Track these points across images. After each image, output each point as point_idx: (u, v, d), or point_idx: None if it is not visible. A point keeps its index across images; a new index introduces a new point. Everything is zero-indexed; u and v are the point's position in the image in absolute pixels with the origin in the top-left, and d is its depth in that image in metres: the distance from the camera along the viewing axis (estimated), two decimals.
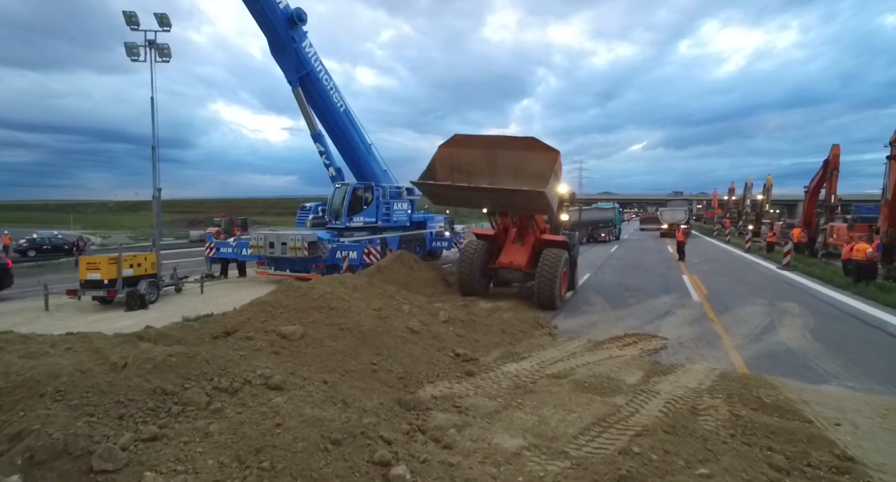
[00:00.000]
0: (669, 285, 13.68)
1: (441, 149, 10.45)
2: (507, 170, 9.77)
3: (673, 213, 37.08)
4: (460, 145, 10.55)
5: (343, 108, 17.05)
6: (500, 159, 9.86)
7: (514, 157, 9.72)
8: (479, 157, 10.08)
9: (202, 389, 3.29)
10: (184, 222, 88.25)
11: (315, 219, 17.41)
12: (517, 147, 10.13)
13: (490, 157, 9.96)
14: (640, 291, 12.68)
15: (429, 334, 6.50)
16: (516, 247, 11.30)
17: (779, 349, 7.31)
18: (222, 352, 3.98)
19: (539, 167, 9.51)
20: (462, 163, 10.14)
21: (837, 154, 22.24)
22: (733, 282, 14.13)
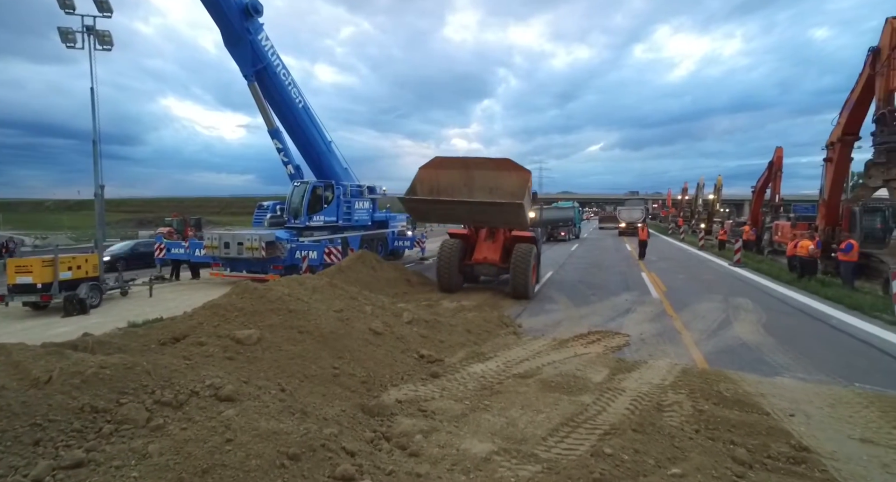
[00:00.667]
0: (630, 283, 13.97)
1: (421, 171, 11.10)
2: (484, 189, 10.55)
3: (630, 211, 38.20)
4: (439, 167, 11.29)
5: (302, 103, 16.53)
6: (477, 179, 10.65)
7: (490, 176, 10.56)
8: (457, 177, 10.87)
9: (141, 404, 2.97)
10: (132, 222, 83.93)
11: (273, 218, 16.82)
12: (492, 167, 10.96)
13: (467, 177, 10.76)
14: (602, 289, 12.89)
15: (392, 336, 6.30)
16: (488, 245, 11.97)
17: (735, 344, 7.52)
18: (167, 361, 3.64)
19: (512, 186, 10.31)
20: (441, 183, 10.88)
21: (781, 156, 23.47)
22: (689, 280, 14.59)
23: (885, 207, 17.47)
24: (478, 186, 10.55)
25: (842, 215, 17.82)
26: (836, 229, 17.84)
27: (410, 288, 11.57)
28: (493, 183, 10.41)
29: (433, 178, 11.11)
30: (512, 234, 12.00)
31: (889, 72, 14.02)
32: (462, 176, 10.86)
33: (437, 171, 11.22)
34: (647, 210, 40.69)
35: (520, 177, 10.42)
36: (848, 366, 6.43)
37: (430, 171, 11.25)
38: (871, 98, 15.40)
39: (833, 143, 17.82)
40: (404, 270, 12.62)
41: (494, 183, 10.40)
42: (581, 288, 13.21)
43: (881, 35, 14.35)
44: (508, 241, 11.92)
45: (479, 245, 12.03)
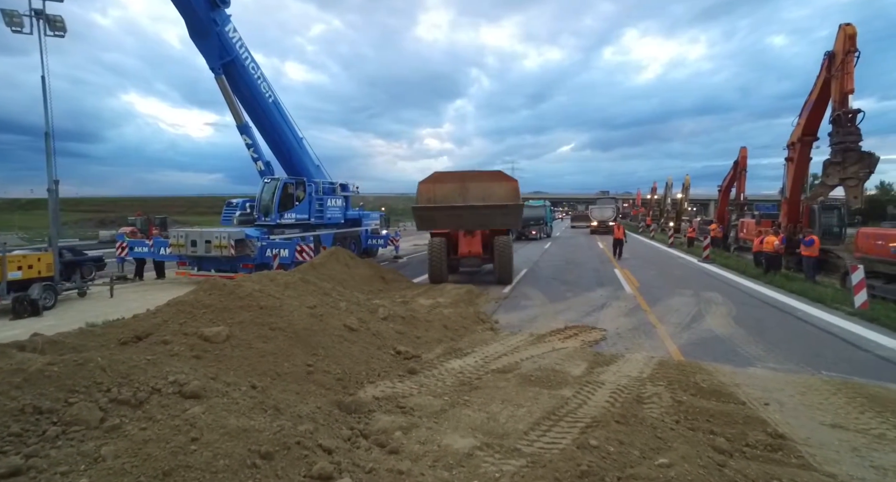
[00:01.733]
0: (603, 279, 14.12)
1: (421, 185, 12.62)
2: (478, 197, 12.08)
3: (602, 210, 38.83)
4: (437, 181, 12.83)
5: (272, 98, 16.10)
6: (471, 190, 12.18)
7: (483, 187, 12.13)
8: (453, 188, 12.43)
9: (94, 403, 2.71)
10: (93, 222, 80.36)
11: (242, 216, 16.31)
12: (485, 179, 12.59)
13: (462, 188, 12.31)
14: (577, 285, 12.97)
15: (368, 332, 6.12)
16: (469, 240, 13.27)
17: (708, 336, 7.64)
18: (125, 357, 3.36)
19: (503, 194, 12.00)
20: (439, 195, 12.34)
21: (745, 156, 24.24)
22: (661, 275, 14.85)
23: (840, 205, 18.24)
24: (472, 195, 11.92)
25: (802, 213, 18.53)
26: (798, 226, 18.55)
27: (385, 285, 11.38)
28: (486, 192, 11.82)
29: (432, 190, 12.52)
30: (490, 230, 13.23)
31: (843, 75, 14.61)
32: (458, 187, 12.28)
33: (434, 185, 12.64)
34: (618, 209, 41.46)
35: (510, 186, 12.03)
36: (815, 355, 6.60)
37: (429, 185, 12.67)
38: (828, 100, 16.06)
39: (793, 144, 18.48)
40: (378, 268, 12.42)
41: (487, 192, 11.82)
42: (556, 284, 13.27)
43: (835, 40, 14.94)
44: (487, 235, 13.32)
45: (461, 241, 13.27)
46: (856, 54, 14.50)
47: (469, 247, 13.19)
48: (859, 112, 14.26)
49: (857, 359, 6.48)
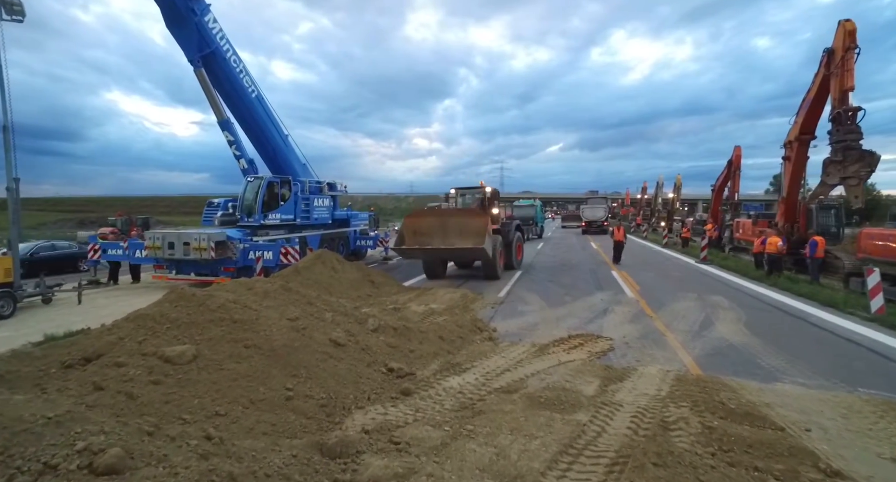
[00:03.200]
0: (602, 281, 13.61)
1: (406, 219, 14.21)
2: (455, 229, 13.35)
3: (593, 210, 38.44)
4: (419, 216, 14.57)
5: (255, 93, 15.35)
6: (450, 224, 13.54)
7: (459, 221, 13.48)
8: (433, 222, 13.82)
9: None
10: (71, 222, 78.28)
11: (224, 216, 15.55)
12: (460, 215, 14.20)
13: (442, 222, 13.68)
14: (575, 288, 12.44)
15: (356, 347, 5.48)
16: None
17: (722, 345, 7.12)
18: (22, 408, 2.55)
19: (476, 227, 13.09)
20: (422, 227, 13.79)
21: (739, 155, 23.93)
22: (660, 277, 14.38)
23: (838, 205, 17.95)
24: (450, 228, 13.41)
25: (799, 213, 18.23)
26: (795, 227, 18.24)
27: (375, 289, 10.73)
28: (462, 226, 13.22)
29: (416, 224, 13.92)
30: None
31: (843, 72, 14.24)
32: (438, 221, 13.77)
33: (418, 219, 14.16)
34: (609, 209, 41.13)
35: (481, 220, 13.20)
36: (845, 368, 6.09)
37: (413, 219, 14.13)
38: (827, 98, 15.72)
39: (791, 143, 18.15)
40: (367, 270, 11.75)
41: (463, 225, 13.22)
42: (553, 287, 12.73)
43: (834, 37, 14.59)
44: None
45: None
46: (856, 51, 14.16)
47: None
48: (860, 110, 13.90)
49: (893, 374, 5.98)
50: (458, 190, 17.18)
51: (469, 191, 17.12)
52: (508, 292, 12.14)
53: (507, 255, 15.64)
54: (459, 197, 17.14)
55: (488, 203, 15.77)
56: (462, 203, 16.92)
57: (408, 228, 13.84)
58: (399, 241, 13.59)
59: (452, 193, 17.12)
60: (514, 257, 16.07)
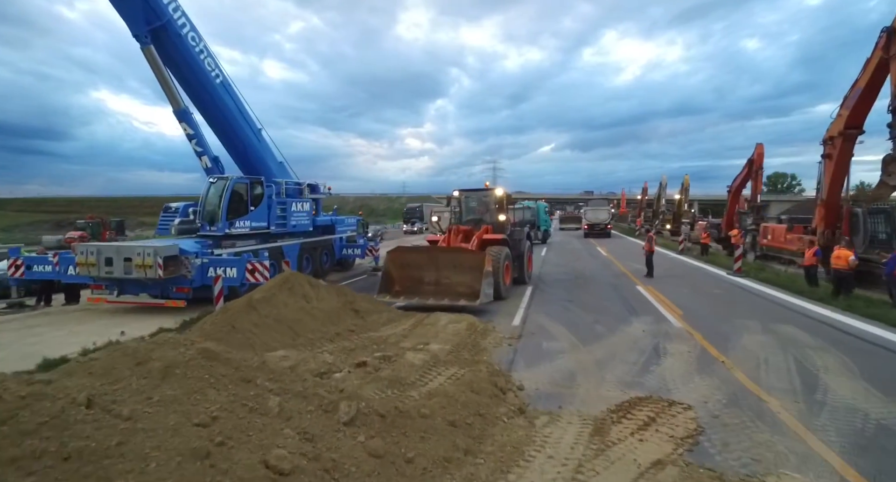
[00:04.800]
0: (632, 301, 11.46)
1: (390, 253, 11.72)
2: (448, 264, 10.99)
3: (596, 212, 36.42)
4: (404, 251, 12.07)
5: (220, 79, 12.99)
6: (441, 258, 11.14)
7: (452, 257, 11.14)
8: (423, 256, 11.43)
9: None
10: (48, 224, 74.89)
11: (183, 224, 13.20)
12: (453, 250, 11.74)
13: (431, 257, 11.26)
14: (604, 312, 10.28)
15: (314, 469, 3.20)
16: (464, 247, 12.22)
17: (864, 424, 4.86)
18: None
19: (473, 262, 10.71)
20: (410, 260, 11.45)
21: (762, 153, 21.90)
22: (698, 295, 12.24)
23: (890, 209, 15.93)
24: (442, 262, 11.07)
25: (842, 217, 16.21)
26: (837, 233, 16.22)
27: (359, 321, 8.45)
28: (455, 261, 10.99)
29: (402, 258, 11.57)
30: (483, 238, 12.63)
31: None
32: (427, 255, 11.40)
33: (403, 255, 11.71)
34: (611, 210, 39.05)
35: (478, 256, 10.85)
36: None
37: (398, 254, 11.68)
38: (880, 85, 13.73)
39: (832, 138, 16.13)
40: (349, 295, 9.39)
41: (457, 260, 10.99)
42: (576, 311, 10.56)
43: None
44: (481, 243, 12.51)
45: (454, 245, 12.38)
46: None
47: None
48: None
49: None
50: (463, 192, 14.85)
51: (475, 193, 14.87)
52: (524, 318, 9.96)
53: (517, 269, 13.55)
54: (464, 200, 14.87)
55: (498, 208, 13.80)
56: (466, 207, 14.71)
57: (394, 261, 11.49)
58: (385, 284, 11.22)
59: (456, 195, 14.71)
60: (524, 270, 14.04)
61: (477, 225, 13.49)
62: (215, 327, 5.69)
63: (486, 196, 14.39)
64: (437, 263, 11.01)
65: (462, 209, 14.68)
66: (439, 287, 10.86)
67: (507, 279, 12.18)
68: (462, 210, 14.66)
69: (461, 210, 14.67)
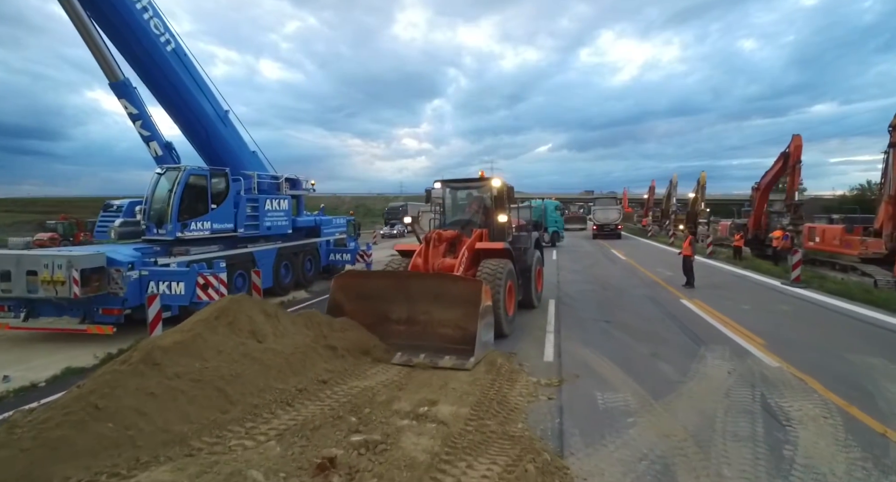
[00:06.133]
0: (684, 322, 9.09)
1: (338, 280, 7.94)
2: (425, 294, 7.29)
3: (605, 212, 34.08)
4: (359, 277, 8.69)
5: (171, 46, 10.53)
6: (414, 287, 7.44)
7: (432, 284, 7.43)
8: (389, 284, 7.69)
9: None
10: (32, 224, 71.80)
11: (126, 225, 10.70)
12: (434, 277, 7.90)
13: (400, 285, 7.56)
14: (657, 339, 7.92)
15: None
16: (447, 262, 8.65)
17: None
18: None
19: (464, 292, 6.99)
20: (370, 290, 7.69)
21: (799, 145, 19.57)
22: (764, 314, 9.85)
23: None
24: (417, 293, 7.35)
25: None
26: None
27: (337, 362, 5.98)
28: (438, 290, 7.25)
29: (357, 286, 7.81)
30: (475, 248, 9.00)
31: None
32: (395, 284, 7.63)
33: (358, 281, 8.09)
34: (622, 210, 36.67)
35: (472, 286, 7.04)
36: None
37: (350, 280, 8.03)
38: None
39: None
40: (324, 324, 6.77)
41: (439, 290, 7.23)
42: (621, 337, 8.18)
43: None
44: (471, 257, 8.83)
45: (433, 264, 8.57)
46: None
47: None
48: None
49: None
50: (447, 183, 10.61)
51: (466, 185, 10.71)
52: (557, 348, 7.59)
53: (522, 290, 9.75)
54: (448, 194, 10.82)
55: (496, 205, 10.04)
56: (453, 203, 10.89)
57: (345, 290, 7.72)
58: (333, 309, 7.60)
59: (437, 189, 10.47)
60: (533, 290, 10.34)
61: (466, 228, 9.67)
62: (64, 412, 3.21)
63: (480, 189, 10.41)
64: (408, 293, 7.36)
65: (446, 207, 10.83)
66: (413, 327, 7.23)
67: (510, 307, 8.54)
68: (446, 208, 10.81)
69: (445, 208, 10.82)
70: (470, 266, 8.76)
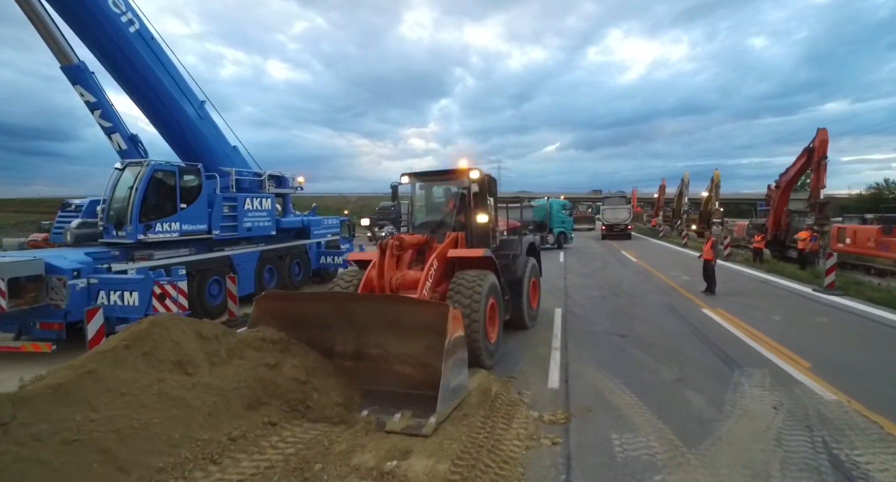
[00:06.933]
0: (711, 337, 7.91)
1: (260, 302, 5.93)
2: (378, 323, 5.53)
3: (615, 211, 32.79)
4: (286, 299, 6.38)
5: (135, 26, 9.49)
6: (361, 312, 5.63)
7: (383, 308, 5.63)
8: (327, 309, 5.79)
9: None
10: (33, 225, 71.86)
11: (84, 226, 9.68)
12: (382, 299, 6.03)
13: (343, 309, 5.70)
14: (681, 360, 6.75)
15: None
16: (410, 276, 6.86)
17: None
18: None
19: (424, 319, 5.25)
20: (305, 315, 5.79)
21: (825, 139, 18.23)
22: (800, 327, 8.65)
23: None
24: (365, 320, 5.58)
25: None
26: None
27: (296, 397, 4.85)
28: (391, 316, 5.49)
29: (290, 310, 5.81)
30: (447, 256, 7.20)
31: None
32: (335, 309, 5.73)
33: (289, 304, 6.05)
34: (632, 210, 35.38)
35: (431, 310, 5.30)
36: None
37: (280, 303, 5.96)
38: None
39: None
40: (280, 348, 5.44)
41: (392, 316, 5.49)
42: (639, 355, 7.02)
43: None
44: (442, 268, 7.10)
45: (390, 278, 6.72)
46: None
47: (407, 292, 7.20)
48: None
49: None
50: (417, 176, 8.63)
51: (438, 178, 8.70)
52: (564, 370, 6.46)
53: (512, 306, 8.14)
54: (418, 191, 8.86)
55: (477, 203, 8.04)
56: (427, 201, 8.95)
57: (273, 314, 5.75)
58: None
59: (405, 183, 8.61)
60: (525, 307, 8.37)
61: (438, 232, 7.96)
62: None
63: (455, 182, 8.36)
64: (353, 320, 5.60)
65: (416, 207, 8.87)
66: (362, 364, 5.53)
67: (492, 333, 6.69)
68: (416, 208, 8.86)
69: (414, 207, 8.88)
70: (441, 280, 7.04)
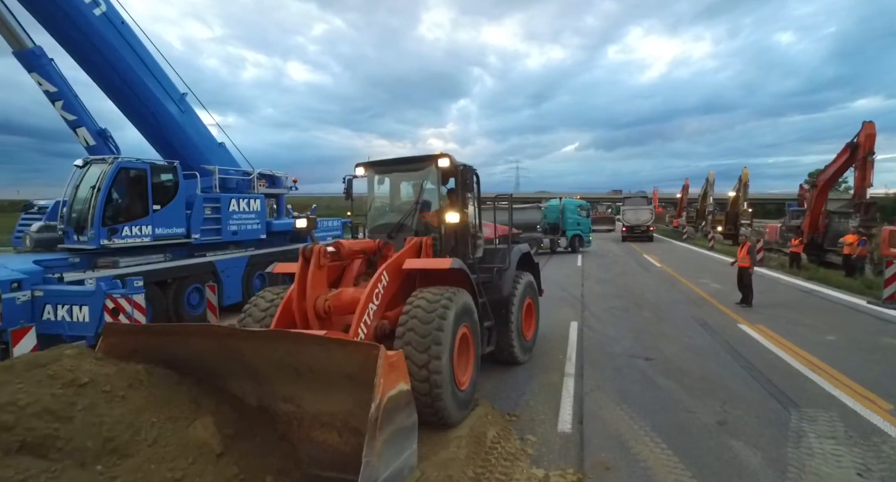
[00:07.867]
0: (755, 363, 6.60)
1: (109, 338, 3.71)
2: (283, 370, 3.59)
3: (636, 212, 31.25)
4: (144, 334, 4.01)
5: (101, 7, 8.59)
6: (255, 353, 3.60)
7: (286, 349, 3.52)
8: (210, 347, 3.69)
9: None
10: None
11: (45, 230, 8.81)
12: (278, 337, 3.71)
13: (230, 349, 3.64)
14: (723, 395, 5.49)
15: None
16: (348, 295, 5.00)
17: None
18: None
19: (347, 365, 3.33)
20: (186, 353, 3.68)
21: (872, 133, 16.58)
22: (859, 349, 7.28)
23: None
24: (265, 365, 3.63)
25: None
26: None
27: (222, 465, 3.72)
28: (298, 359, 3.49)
29: (154, 349, 3.64)
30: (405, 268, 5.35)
31: None
32: (219, 347, 3.66)
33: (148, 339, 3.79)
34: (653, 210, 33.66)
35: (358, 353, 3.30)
36: None
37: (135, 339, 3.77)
38: None
39: None
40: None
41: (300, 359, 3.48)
42: (669, 388, 5.78)
43: None
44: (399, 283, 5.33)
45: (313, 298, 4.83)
46: None
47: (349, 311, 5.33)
48: None
49: None
50: (373, 166, 6.60)
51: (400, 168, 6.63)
52: (579, 407, 5.27)
53: (498, 335, 6.31)
54: (378, 185, 6.77)
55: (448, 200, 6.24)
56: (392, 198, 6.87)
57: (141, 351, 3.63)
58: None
59: (361, 175, 6.60)
60: (515, 337, 6.50)
61: (397, 236, 6.08)
62: None
63: (421, 172, 6.34)
64: (247, 365, 3.70)
65: (374, 205, 6.78)
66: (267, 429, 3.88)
67: (463, 375, 4.96)
68: (374, 207, 6.78)
69: (372, 206, 6.77)
70: (395, 301, 5.27)
